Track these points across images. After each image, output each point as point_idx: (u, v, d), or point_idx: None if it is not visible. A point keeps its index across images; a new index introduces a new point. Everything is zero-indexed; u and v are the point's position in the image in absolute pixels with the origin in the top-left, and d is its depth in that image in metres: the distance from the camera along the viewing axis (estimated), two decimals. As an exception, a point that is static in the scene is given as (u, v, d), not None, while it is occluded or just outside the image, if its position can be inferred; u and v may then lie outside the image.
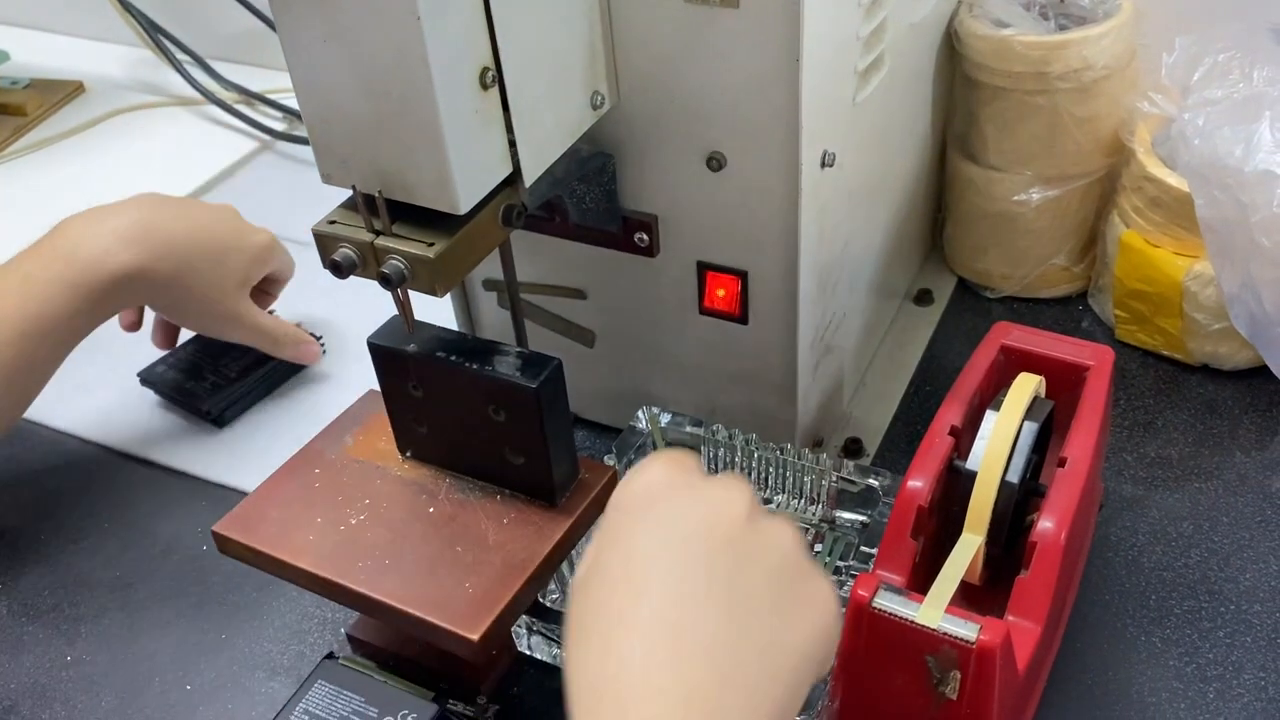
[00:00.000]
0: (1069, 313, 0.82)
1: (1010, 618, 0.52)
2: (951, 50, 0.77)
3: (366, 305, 0.64)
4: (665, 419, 0.67)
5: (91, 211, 0.71)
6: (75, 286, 0.67)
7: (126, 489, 0.75)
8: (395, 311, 0.54)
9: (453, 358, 0.54)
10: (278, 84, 1.12)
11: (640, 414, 0.67)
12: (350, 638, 0.62)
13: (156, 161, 1.08)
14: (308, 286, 0.82)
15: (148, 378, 0.80)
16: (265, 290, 0.80)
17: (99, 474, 0.77)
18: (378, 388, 0.59)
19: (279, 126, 1.10)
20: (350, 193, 0.50)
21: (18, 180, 1.07)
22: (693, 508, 0.41)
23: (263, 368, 0.80)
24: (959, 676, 0.48)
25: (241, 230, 0.76)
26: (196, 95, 1.14)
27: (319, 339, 0.83)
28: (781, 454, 0.64)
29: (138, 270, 0.69)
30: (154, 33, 1.16)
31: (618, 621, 0.38)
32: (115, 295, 0.69)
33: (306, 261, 0.72)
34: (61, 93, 1.19)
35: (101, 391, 0.82)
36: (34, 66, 1.23)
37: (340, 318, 0.85)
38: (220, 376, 0.80)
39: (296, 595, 0.67)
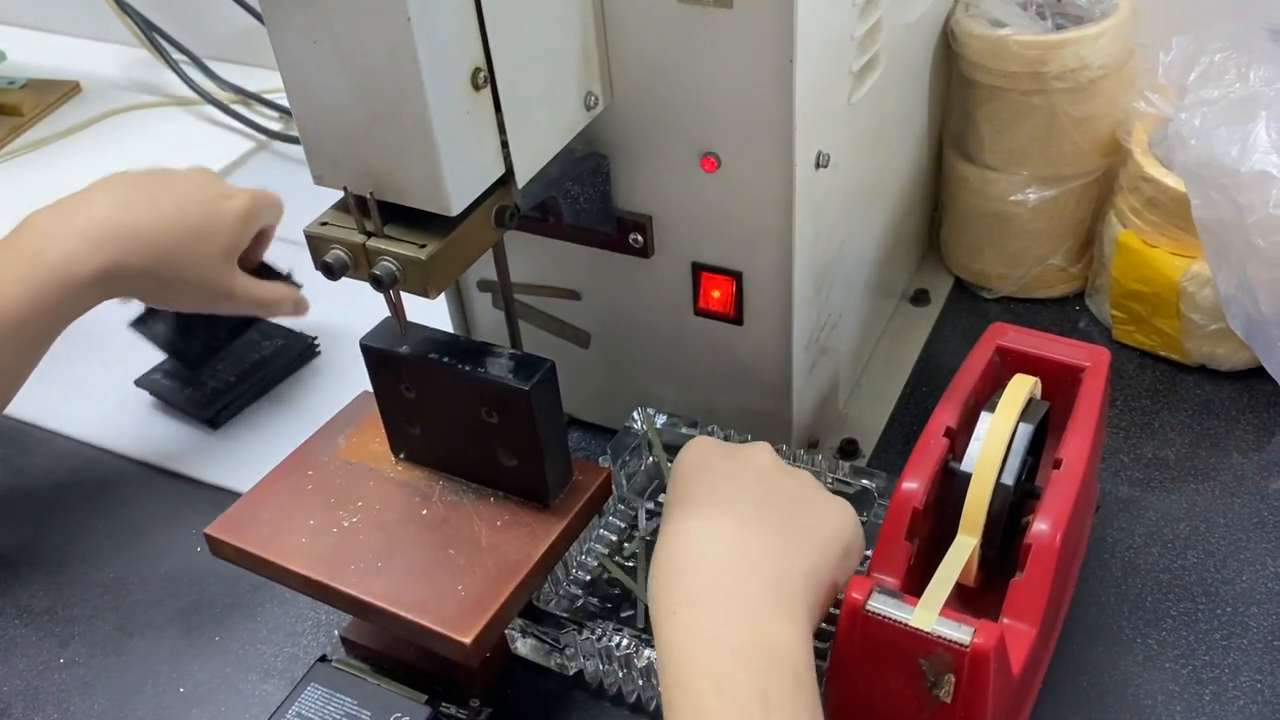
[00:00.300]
0: (1066, 313, 0.82)
1: (1005, 620, 0.52)
2: (948, 50, 0.77)
3: (362, 306, 0.63)
4: (660, 420, 0.67)
5: (58, 205, 0.69)
6: (42, 288, 0.65)
7: (120, 490, 0.75)
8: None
9: (445, 359, 0.54)
10: (274, 84, 1.12)
11: (635, 415, 0.67)
12: (344, 640, 0.62)
13: (153, 161, 1.08)
14: (302, 287, 0.82)
15: (142, 383, 0.80)
16: (257, 242, 0.77)
17: (93, 475, 0.76)
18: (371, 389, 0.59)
19: (275, 126, 1.10)
20: (342, 194, 0.50)
21: (14, 180, 1.07)
22: (728, 458, 0.54)
23: (257, 370, 0.80)
24: (953, 680, 0.47)
25: (216, 200, 0.72)
26: (193, 95, 1.14)
27: (314, 340, 0.83)
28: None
29: (109, 270, 0.67)
30: (150, 32, 1.15)
31: (678, 530, 0.50)
32: (89, 295, 0.67)
33: (300, 262, 0.72)
34: (58, 92, 1.19)
35: (96, 393, 0.82)
36: (30, 66, 1.22)
37: (335, 318, 0.85)
38: (215, 379, 0.80)
39: (290, 597, 0.66)
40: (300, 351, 0.83)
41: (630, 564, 0.64)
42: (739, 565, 0.48)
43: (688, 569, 0.48)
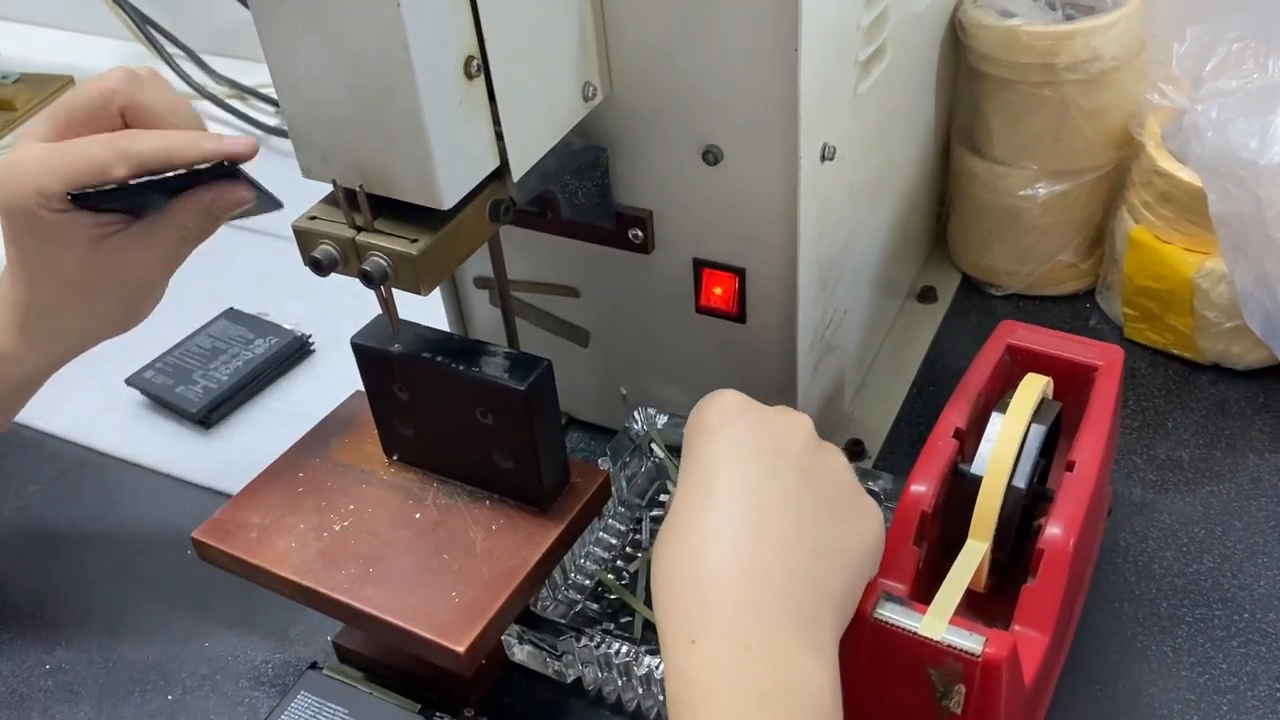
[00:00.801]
0: (1076, 310, 0.80)
1: (1016, 628, 0.50)
2: (955, 40, 0.75)
3: (358, 302, 0.62)
4: (661, 420, 0.65)
5: None
6: None
7: (110, 491, 0.74)
8: (385, 310, 0.52)
9: (438, 358, 0.52)
10: (270, 78, 1.11)
11: (635, 414, 0.65)
12: (336, 646, 0.61)
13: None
14: (296, 282, 0.80)
15: (133, 381, 0.79)
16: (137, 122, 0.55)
17: (81, 476, 0.75)
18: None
19: (271, 122, 1.09)
20: (331, 187, 0.48)
21: (6, 176, 1.06)
22: (761, 428, 0.46)
23: (250, 368, 0.79)
24: (963, 690, 0.46)
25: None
26: (189, 90, 1.12)
27: (308, 337, 0.82)
28: (780, 456, 0.62)
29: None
30: (145, 26, 1.14)
31: (694, 520, 0.43)
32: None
33: (291, 257, 0.70)
34: (51, 87, 1.17)
35: (85, 392, 0.80)
36: (23, 61, 1.21)
37: (330, 315, 0.84)
38: (207, 377, 0.78)
39: (283, 601, 0.64)
40: (294, 349, 0.81)
41: (631, 571, 0.62)
42: (768, 591, 0.42)
43: (708, 586, 0.42)
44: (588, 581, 0.62)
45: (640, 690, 0.55)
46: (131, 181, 0.53)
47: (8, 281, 0.57)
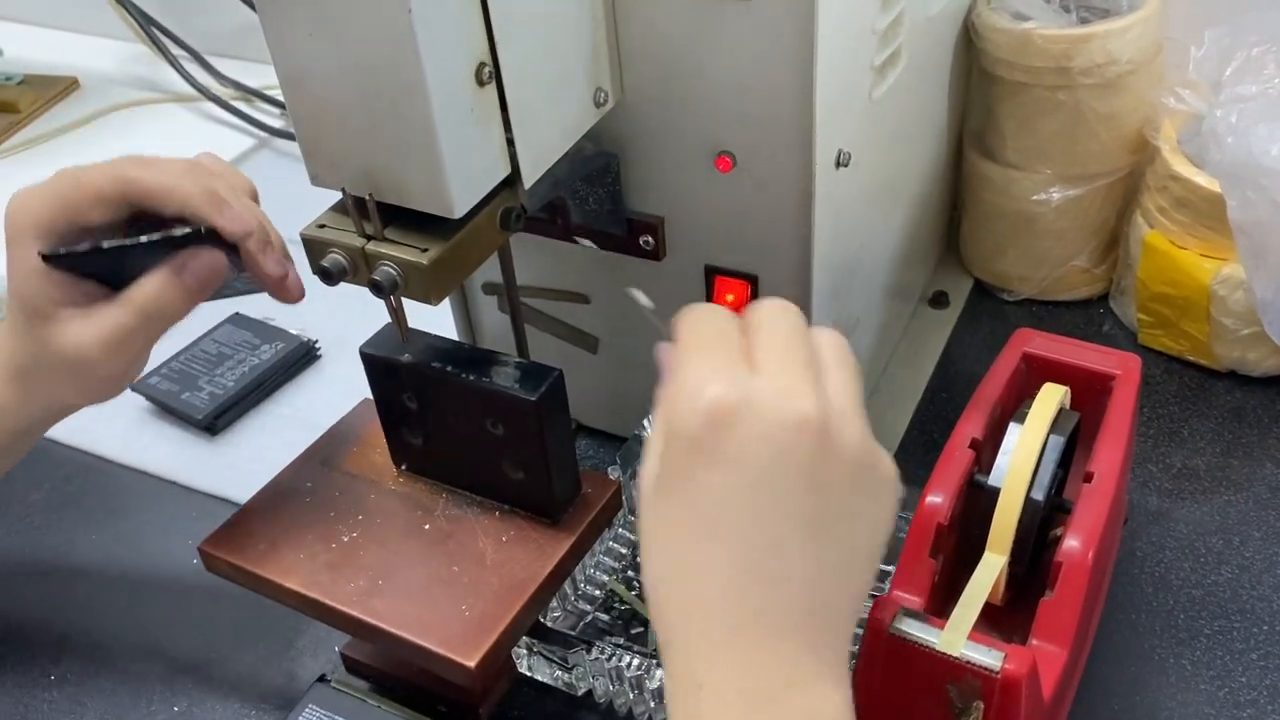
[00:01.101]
0: (1090, 316, 0.80)
1: (1035, 642, 0.49)
2: (969, 44, 0.74)
3: (365, 307, 0.61)
4: (672, 428, 0.65)
5: None
6: None
7: (114, 499, 0.73)
8: (392, 317, 0.52)
9: (448, 368, 0.52)
10: (275, 80, 1.09)
11: (646, 422, 0.65)
12: (344, 657, 0.60)
13: (151, 159, 1.06)
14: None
15: (138, 387, 0.78)
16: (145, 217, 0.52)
17: (86, 484, 0.74)
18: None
19: (277, 124, 1.08)
20: (341, 195, 0.47)
21: (10, 179, 1.04)
22: (761, 438, 0.37)
23: (256, 374, 0.78)
24: (982, 707, 0.45)
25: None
26: (193, 92, 1.12)
27: (314, 343, 0.81)
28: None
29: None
30: (149, 27, 1.14)
31: (693, 555, 0.38)
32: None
33: (302, 263, 0.69)
34: (56, 89, 1.17)
35: (91, 397, 0.80)
36: (28, 62, 1.20)
37: (337, 320, 0.83)
38: (213, 384, 0.77)
39: (290, 612, 0.64)
40: (301, 355, 0.80)
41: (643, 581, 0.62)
42: (780, 625, 0.37)
43: (714, 625, 0.37)
44: (598, 592, 0.61)
45: (652, 704, 0.55)
46: (105, 244, 0.50)
47: (6, 330, 0.55)
